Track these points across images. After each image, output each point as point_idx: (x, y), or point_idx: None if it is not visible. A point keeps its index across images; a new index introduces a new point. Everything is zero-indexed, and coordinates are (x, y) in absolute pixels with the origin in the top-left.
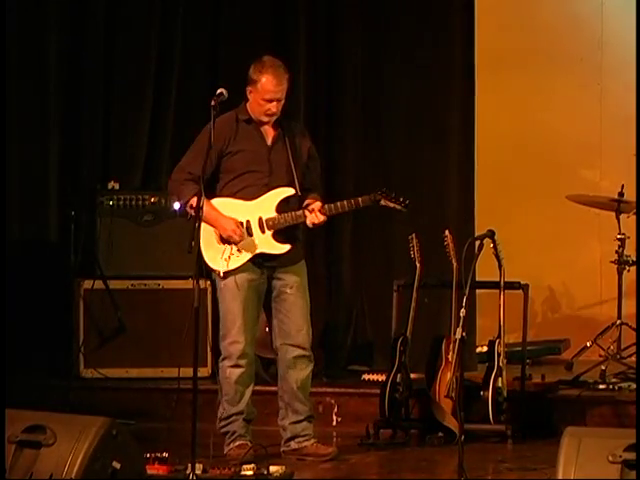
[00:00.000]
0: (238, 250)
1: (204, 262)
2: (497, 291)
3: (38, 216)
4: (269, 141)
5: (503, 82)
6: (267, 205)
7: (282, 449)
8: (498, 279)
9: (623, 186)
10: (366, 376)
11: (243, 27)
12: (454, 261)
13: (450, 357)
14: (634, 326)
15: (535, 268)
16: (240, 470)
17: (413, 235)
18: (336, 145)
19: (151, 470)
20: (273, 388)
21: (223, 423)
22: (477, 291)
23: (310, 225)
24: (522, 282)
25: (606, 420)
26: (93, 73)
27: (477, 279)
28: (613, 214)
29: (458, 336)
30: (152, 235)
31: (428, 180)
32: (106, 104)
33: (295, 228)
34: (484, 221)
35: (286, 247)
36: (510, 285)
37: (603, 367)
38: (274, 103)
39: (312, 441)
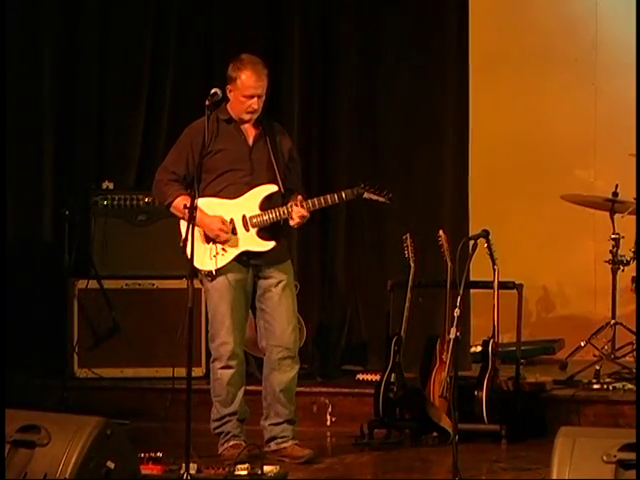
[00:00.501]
0: (223, 249)
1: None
2: (491, 291)
3: (32, 216)
4: (250, 140)
5: (497, 82)
6: (250, 203)
7: (264, 449)
8: (492, 279)
9: (617, 186)
10: (360, 376)
11: (237, 27)
12: (448, 261)
13: (444, 357)
14: (628, 326)
15: (529, 268)
16: (234, 470)
17: (407, 235)
18: (330, 145)
19: (145, 470)
20: None
21: (216, 424)
22: (471, 291)
23: (296, 219)
24: (516, 282)
25: (600, 420)
26: (87, 73)
27: (471, 279)
28: (607, 214)
29: (452, 336)
30: (146, 235)
31: (422, 180)
32: (100, 104)
33: (279, 226)
34: (478, 221)
35: (271, 244)
36: (504, 285)
37: (597, 367)
38: (255, 99)
39: (290, 443)
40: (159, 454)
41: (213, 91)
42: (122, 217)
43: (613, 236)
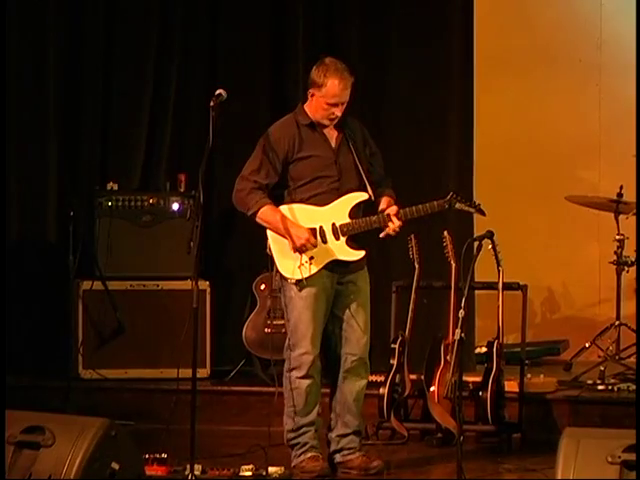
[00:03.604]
0: (312, 258)
1: (278, 272)
2: (496, 292)
3: (37, 216)
4: (333, 143)
5: (502, 82)
6: (340, 211)
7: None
8: (497, 280)
9: (622, 187)
10: None
11: (242, 27)
12: (453, 262)
13: (449, 358)
14: (633, 327)
15: (534, 269)
16: (239, 471)
17: (412, 236)
18: None
19: (150, 471)
20: (272, 389)
21: (292, 435)
22: (476, 292)
23: (392, 232)
24: (521, 283)
25: (605, 421)
26: (92, 73)
27: (476, 280)
28: (612, 215)
29: (457, 337)
30: (151, 236)
31: (427, 180)
32: (105, 105)
33: (366, 233)
34: (483, 222)
35: (361, 253)
36: (509, 286)
37: (602, 368)
38: (338, 107)
39: (357, 454)
40: (164, 455)
41: (218, 92)
42: (127, 218)
43: (618, 237)
